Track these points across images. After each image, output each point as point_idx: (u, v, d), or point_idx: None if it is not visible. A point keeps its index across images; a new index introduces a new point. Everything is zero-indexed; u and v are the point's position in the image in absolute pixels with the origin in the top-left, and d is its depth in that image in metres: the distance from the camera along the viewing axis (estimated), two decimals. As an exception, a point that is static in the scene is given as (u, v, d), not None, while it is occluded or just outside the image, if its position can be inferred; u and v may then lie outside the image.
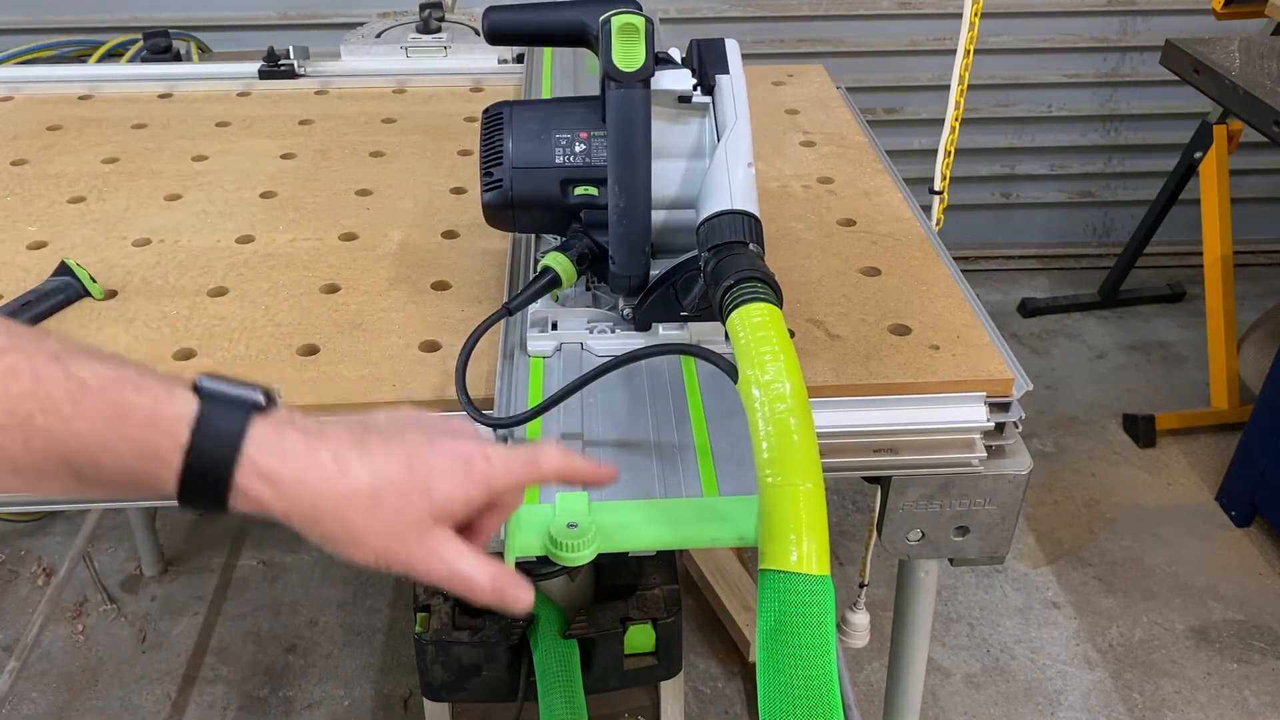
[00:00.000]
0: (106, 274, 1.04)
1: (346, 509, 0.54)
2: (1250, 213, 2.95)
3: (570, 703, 1.14)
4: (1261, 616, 2.01)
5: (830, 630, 0.59)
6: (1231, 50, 2.18)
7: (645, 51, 0.77)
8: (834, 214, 1.15)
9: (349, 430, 0.56)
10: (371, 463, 0.55)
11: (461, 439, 0.58)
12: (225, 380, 0.54)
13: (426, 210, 1.17)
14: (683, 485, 0.75)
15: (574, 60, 1.41)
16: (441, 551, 0.57)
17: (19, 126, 1.37)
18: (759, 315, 0.68)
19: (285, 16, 2.59)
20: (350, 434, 0.56)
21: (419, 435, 0.58)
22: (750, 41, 2.68)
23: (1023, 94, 2.85)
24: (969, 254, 3.04)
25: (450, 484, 0.56)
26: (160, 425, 0.52)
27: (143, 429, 0.51)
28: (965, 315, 0.96)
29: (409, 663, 1.87)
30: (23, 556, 2.15)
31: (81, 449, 0.51)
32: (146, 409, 0.52)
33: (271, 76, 1.50)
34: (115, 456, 0.51)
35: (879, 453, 0.89)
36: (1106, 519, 2.24)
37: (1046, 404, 2.56)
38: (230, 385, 0.54)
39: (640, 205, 0.81)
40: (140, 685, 1.89)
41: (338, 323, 0.97)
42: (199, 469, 0.52)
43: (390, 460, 0.55)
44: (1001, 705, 1.86)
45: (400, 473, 0.55)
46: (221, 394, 0.53)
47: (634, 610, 1.20)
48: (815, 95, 1.46)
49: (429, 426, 0.60)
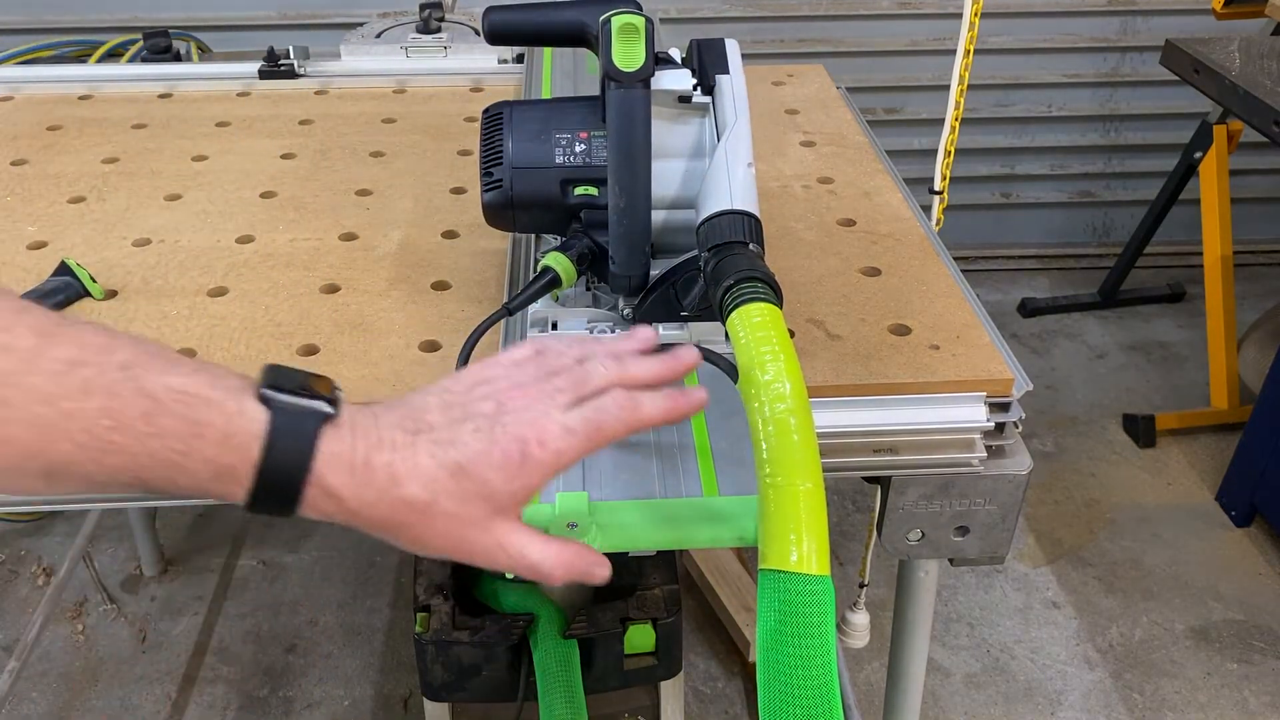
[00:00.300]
0: (106, 274, 1.04)
1: (404, 519, 0.55)
2: (1250, 213, 2.95)
3: (570, 703, 1.14)
4: (1261, 616, 2.01)
5: (830, 630, 0.58)
6: (1231, 50, 2.18)
7: (645, 51, 0.77)
8: (834, 214, 1.15)
9: (405, 431, 0.56)
10: (423, 474, 0.55)
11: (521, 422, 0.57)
12: (290, 384, 0.55)
13: (426, 210, 1.17)
14: (683, 485, 0.75)
15: (574, 60, 1.41)
16: (505, 544, 0.57)
17: (19, 126, 1.37)
18: (759, 315, 0.68)
19: (285, 16, 2.59)
20: (405, 436, 0.56)
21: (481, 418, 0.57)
22: (750, 41, 2.68)
23: (1023, 94, 2.85)
24: (969, 254, 3.04)
25: (506, 478, 0.56)
26: (232, 444, 0.52)
27: (216, 448, 0.52)
28: (965, 315, 0.96)
29: (409, 663, 1.87)
30: (23, 556, 2.15)
31: (155, 466, 0.51)
32: (219, 427, 0.52)
33: (271, 76, 1.50)
34: (189, 474, 0.52)
35: (879, 453, 0.89)
36: (1106, 519, 2.24)
37: (1046, 404, 2.57)
38: (297, 394, 0.54)
39: (640, 205, 0.81)
40: (140, 685, 1.89)
41: (338, 323, 0.97)
42: (269, 486, 0.53)
43: (441, 470, 0.55)
44: (1001, 705, 1.86)
45: (451, 481, 0.55)
46: (290, 407, 0.54)
47: (634, 610, 1.20)
48: (815, 95, 1.46)
49: (506, 389, 0.59)
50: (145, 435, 0.50)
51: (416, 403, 0.59)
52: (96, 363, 0.50)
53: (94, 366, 0.50)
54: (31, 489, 0.51)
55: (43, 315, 0.51)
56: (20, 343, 0.49)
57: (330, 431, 0.54)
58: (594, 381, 0.60)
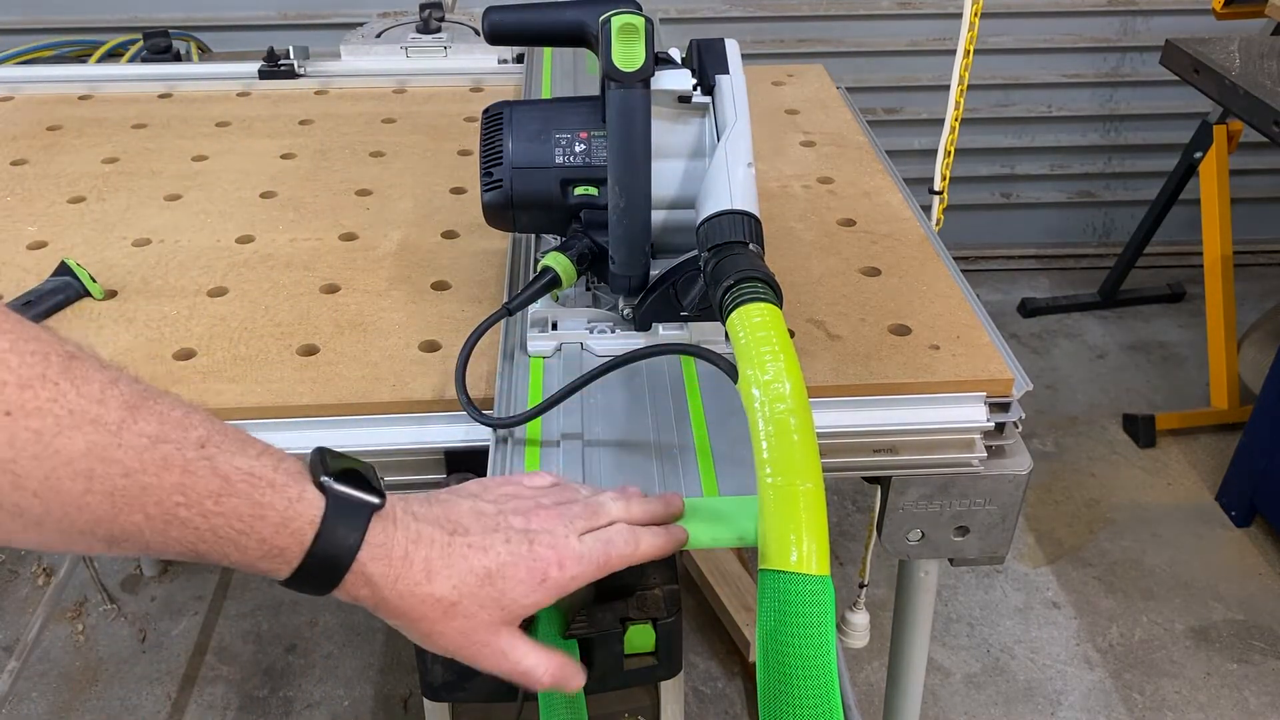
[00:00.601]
0: (106, 274, 1.04)
1: (426, 614, 0.59)
2: (1250, 213, 2.95)
3: (570, 703, 1.14)
4: (1261, 616, 2.01)
5: (830, 630, 0.58)
6: (1231, 50, 2.18)
7: (645, 51, 0.77)
8: (834, 214, 1.15)
9: (443, 530, 0.60)
10: (455, 574, 0.59)
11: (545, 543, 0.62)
12: (347, 476, 0.58)
13: (426, 210, 1.17)
14: (683, 485, 0.75)
15: (574, 60, 1.41)
16: (506, 651, 0.62)
17: (19, 126, 1.37)
18: (759, 315, 0.68)
19: (285, 16, 2.59)
20: (443, 534, 0.60)
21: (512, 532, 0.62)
22: (750, 41, 2.68)
23: (1023, 94, 2.85)
24: (969, 254, 3.04)
25: (522, 593, 0.61)
26: (290, 529, 0.55)
27: (274, 530, 0.54)
28: (965, 315, 0.96)
29: (409, 663, 1.87)
30: (23, 556, 2.15)
31: (214, 542, 0.53)
32: (280, 511, 0.55)
33: (271, 76, 1.50)
34: (242, 551, 0.54)
35: (879, 453, 0.89)
36: (1106, 519, 2.24)
37: (1046, 404, 2.57)
38: (352, 484, 0.57)
39: (640, 205, 0.81)
40: (140, 685, 1.89)
41: (338, 323, 0.97)
42: (314, 569, 0.56)
43: (472, 574, 0.60)
44: (1001, 705, 1.86)
45: (479, 585, 0.60)
46: (346, 498, 0.57)
47: (634, 610, 1.19)
48: (815, 95, 1.46)
49: (531, 510, 0.64)
50: (212, 513, 0.53)
51: (450, 504, 0.63)
52: (177, 439, 0.52)
53: (174, 443, 0.52)
54: (92, 550, 0.53)
55: (129, 386, 0.52)
56: (110, 416, 0.50)
57: (377, 523, 0.57)
58: (604, 515, 0.66)
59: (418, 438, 0.86)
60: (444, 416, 0.86)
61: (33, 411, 0.48)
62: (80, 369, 0.51)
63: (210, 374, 0.89)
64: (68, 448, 0.49)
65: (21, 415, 0.48)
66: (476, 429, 0.84)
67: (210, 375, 0.89)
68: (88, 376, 0.51)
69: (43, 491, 0.49)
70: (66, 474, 0.49)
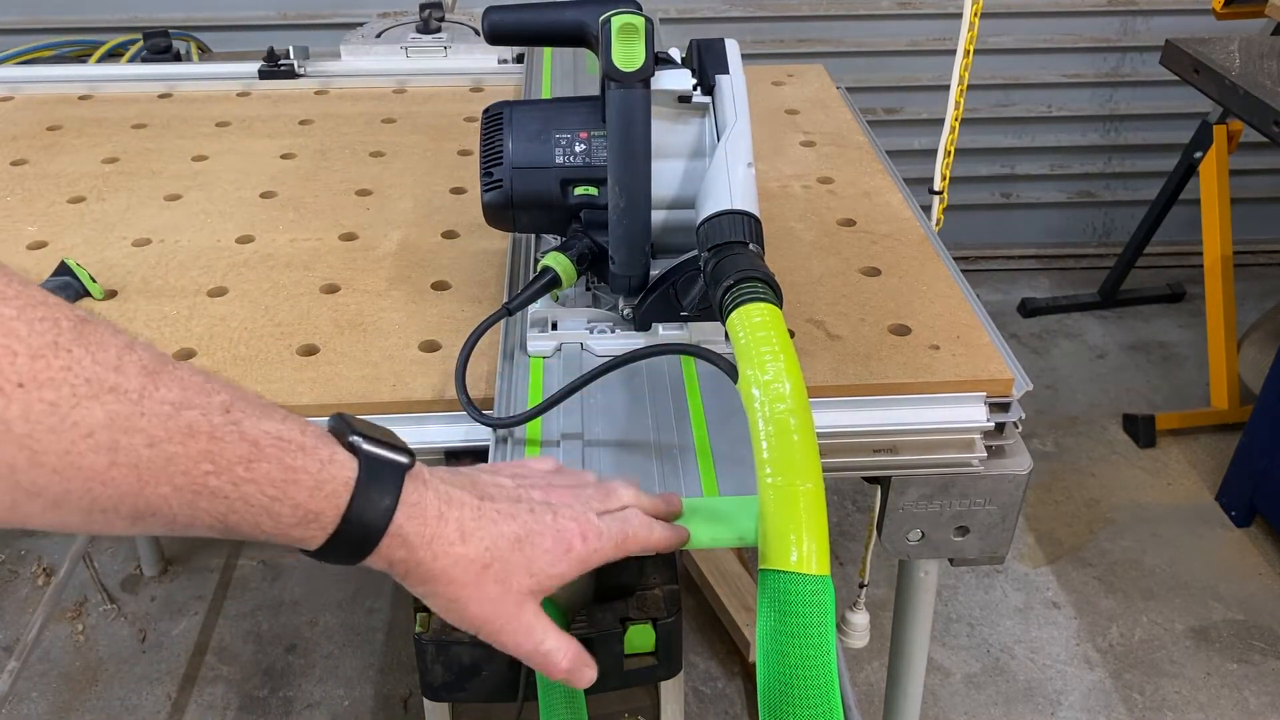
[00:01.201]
0: (106, 274, 1.04)
1: (458, 576, 0.58)
2: (1250, 213, 2.95)
3: (570, 703, 1.14)
4: (1261, 616, 2.01)
5: (830, 630, 0.58)
6: (1231, 50, 2.18)
7: (645, 51, 0.77)
8: (834, 214, 1.15)
9: (472, 494, 0.60)
10: (488, 537, 0.58)
11: (567, 515, 0.62)
12: (374, 437, 0.56)
13: (426, 210, 1.17)
14: (683, 485, 0.75)
15: (574, 60, 1.41)
16: (532, 627, 0.61)
17: (19, 126, 1.37)
18: (759, 315, 0.68)
19: (285, 16, 2.59)
20: (473, 498, 0.59)
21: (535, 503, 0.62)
22: (750, 41, 2.68)
23: (1023, 94, 2.85)
24: (969, 254, 3.04)
25: (549, 561, 0.60)
26: (324, 490, 0.53)
27: (308, 494, 0.52)
28: (965, 315, 0.96)
29: (409, 663, 1.87)
30: (23, 556, 2.15)
31: (245, 511, 0.51)
32: (314, 474, 0.52)
33: (271, 76, 1.50)
34: (275, 519, 0.52)
35: (879, 453, 0.89)
36: (1106, 519, 2.24)
37: (1046, 404, 2.57)
38: (382, 445, 0.56)
39: (640, 205, 0.81)
40: (140, 685, 1.89)
41: (338, 323, 0.97)
42: (350, 533, 0.54)
43: (503, 538, 0.59)
44: (1001, 705, 1.86)
45: (510, 549, 0.59)
46: (378, 458, 0.55)
47: (634, 610, 1.19)
48: (815, 95, 1.46)
49: (547, 486, 0.64)
50: (243, 480, 0.50)
51: (471, 474, 0.62)
52: (200, 405, 0.49)
53: (199, 409, 0.49)
54: (114, 529, 0.50)
55: (146, 351, 0.49)
56: (130, 383, 0.47)
57: (409, 483, 0.56)
58: (617, 498, 0.66)
59: (418, 438, 0.85)
60: (444, 416, 0.86)
61: (46, 382, 0.45)
62: (94, 334, 0.47)
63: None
64: (87, 419, 0.46)
65: (35, 387, 0.44)
66: (476, 429, 0.84)
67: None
68: (102, 342, 0.47)
69: (62, 467, 0.46)
70: (87, 447, 0.46)
